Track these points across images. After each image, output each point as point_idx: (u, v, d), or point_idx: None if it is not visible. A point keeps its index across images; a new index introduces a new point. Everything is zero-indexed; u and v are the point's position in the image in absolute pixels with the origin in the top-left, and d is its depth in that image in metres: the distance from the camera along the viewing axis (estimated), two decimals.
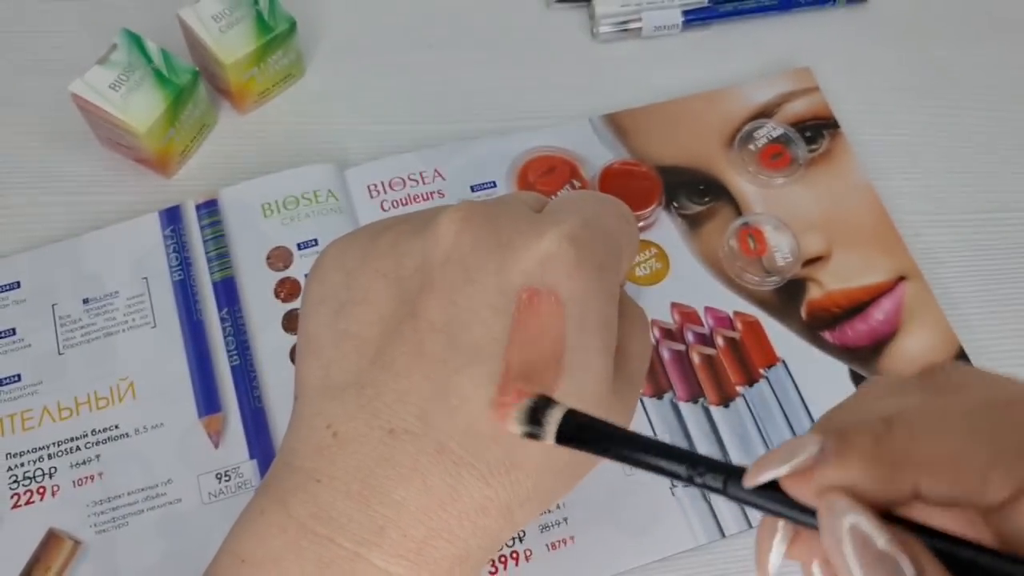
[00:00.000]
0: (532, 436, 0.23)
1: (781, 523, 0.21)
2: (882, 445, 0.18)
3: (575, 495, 0.39)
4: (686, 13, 0.51)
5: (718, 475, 0.20)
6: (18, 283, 0.43)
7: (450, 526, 0.24)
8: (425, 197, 0.45)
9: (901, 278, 0.44)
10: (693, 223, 0.45)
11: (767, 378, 0.41)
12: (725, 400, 0.41)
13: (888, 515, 0.18)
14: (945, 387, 0.20)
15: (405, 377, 0.24)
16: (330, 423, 0.25)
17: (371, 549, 0.24)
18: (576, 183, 0.46)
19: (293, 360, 0.41)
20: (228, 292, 0.42)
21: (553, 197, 0.32)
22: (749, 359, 0.42)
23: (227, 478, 0.39)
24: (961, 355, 0.42)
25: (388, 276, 0.26)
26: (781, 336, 0.43)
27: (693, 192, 0.46)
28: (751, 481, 0.20)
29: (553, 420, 0.23)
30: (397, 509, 0.24)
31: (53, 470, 0.39)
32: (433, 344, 0.24)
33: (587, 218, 0.26)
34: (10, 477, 0.38)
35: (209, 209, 0.44)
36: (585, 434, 0.23)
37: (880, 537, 0.17)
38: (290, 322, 0.42)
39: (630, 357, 0.28)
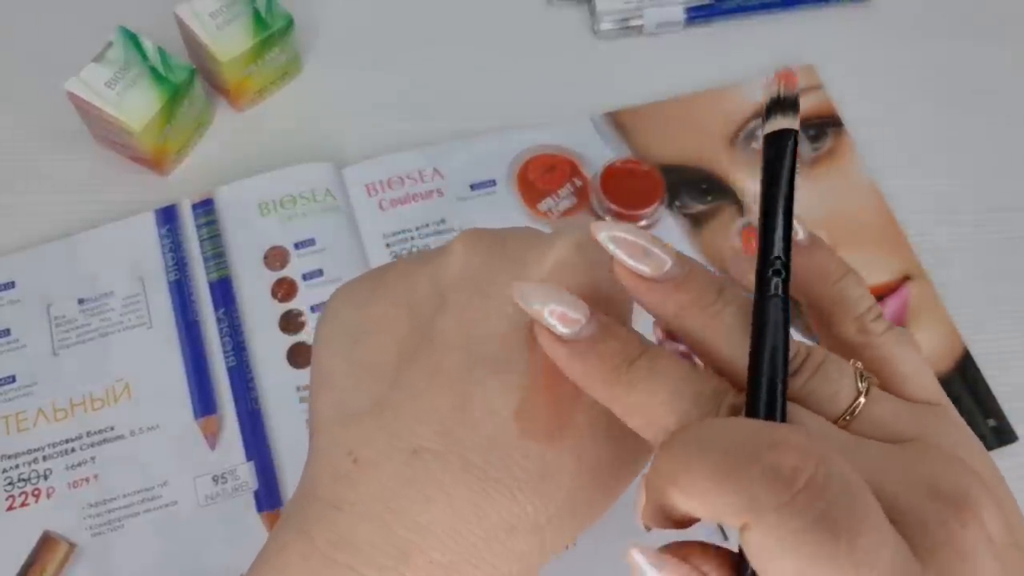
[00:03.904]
0: (765, 111, 0.23)
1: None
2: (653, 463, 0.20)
3: None
4: (688, 10, 0.50)
5: (779, 285, 0.22)
6: (13, 283, 0.42)
7: (477, 549, 0.23)
8: (424, 196, 0.45)
9: (906, 278, 0.44)
10: (696, 222, 0.45)
11: None
12: None
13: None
14: None
15: (425, 396, 0.24)
16: (350, 450, 0.24)
17: None
18: (577, 182, 0.45)
19: (291, 361, 0.41)
20: (224, 292, 0.42)
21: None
22: None
23: (224, 480, 0.38)
24: (966, 356, 0.42)
25: (400, 303, 0.26)
26: None
27: (695, 191, 0.46)
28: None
29: (779, 122, 0.23)
30: (421, 532, 0.23)
31: (48, 472, 0.38)
32: (452, 361, 0.24)
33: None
34: (5, 479, 0.38)
35: (205, 208, 0.44)
36: (782, 153, 0.23)
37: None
38: (287, 322, 0.41)
39: None
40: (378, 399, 0.24)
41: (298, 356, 0.41)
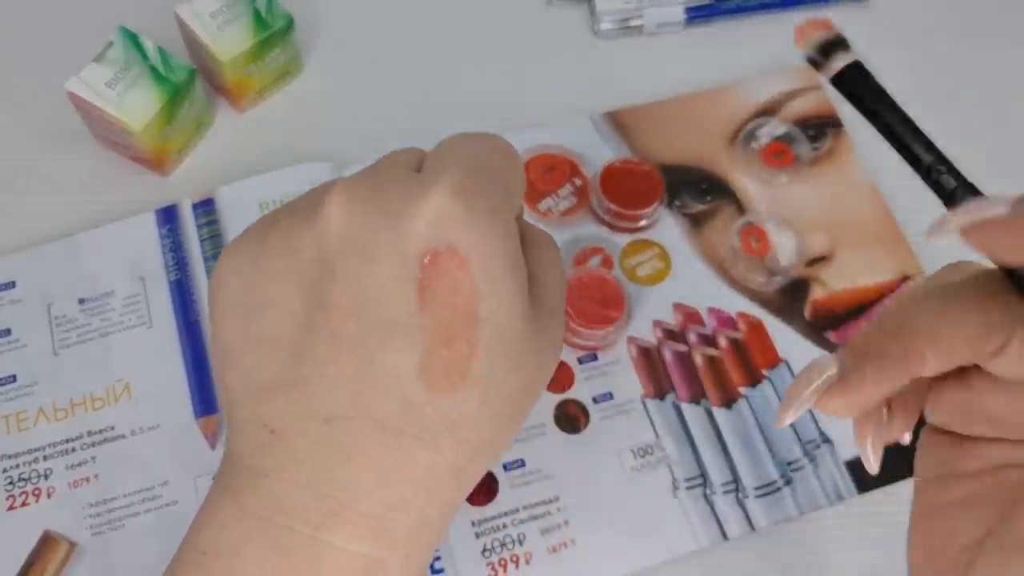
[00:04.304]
0: (813, 63, 0.25)
1: (832, 370, 0.24)
2: (899, 327, 0.23)
3: (576, 498, 0.38)
4: (688, 10, 0.50)
5: (951, 180, 0.24)
6: (13, 283, 0.42)
7: (404, 498, 0.25)
8: None
9: (905, 278, 0.44)
10: (695, 222, 0.45)
11: (770, 379, 0.41)
12: (728, 401, 0.41)
13: None
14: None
15: (328, 365, 0.25)
16: (265, 423, 0.25)
17: (329, 532, 0.24)
18: (577, 181, 0.45)
19: None
20: None
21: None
22: (752, 360, 0.41)
23: None
24: None
25: (287, 272, 0.26)
26: (784, 337, 0.42)
27: (695, 191, 0.46)
28: (782, 423, 0.24)
29: (840, 61, 0.25)
30: (348, 491, 0.24)
31: (48, 472, 0.38)
32: (348, 328, 0.25)
33: (467, 165, 0.26)
34: (5, 479, 0.38)
35: (206, 208, 0.44)
36: (858, 86, 0.25)
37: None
38: None
39: (546, 286, 0.28)
40: (284, 372, 0.25)
41: None
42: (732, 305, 0.43)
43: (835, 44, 0.24)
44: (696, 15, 0.50)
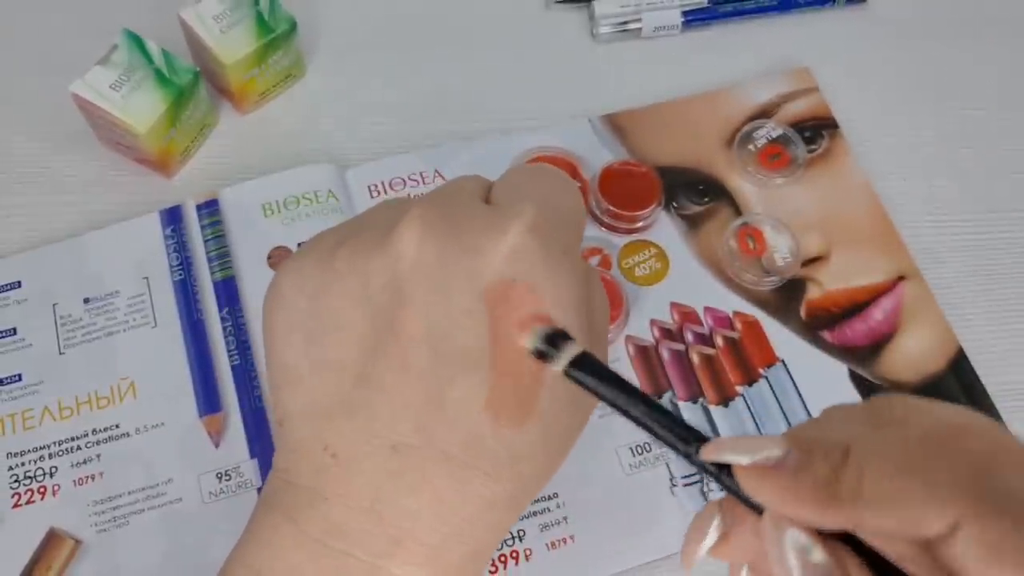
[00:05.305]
0: (542, 356, 0.24)
1: (715, 521, 0.22)
2: (838, 477, 0.19)
3: (575, 494, 0.39)
4: (686, 14, 0.51)
5: (694, 443, 0.22)
6: (19, 283, 0.43)
7: (462, 528, 0.25)
8: None
9: (900, 278, 0.44)
10: (692, 223, 0.45)
11: (767, 378, 0.42)
12: (725, 400, 0.41)
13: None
14: (888, 420, 0.21)
15: (396, 393, 0.25)
16: (326, 445, 0.25)
17: (389, 560, 0.24)
18: (576, 183, 0.46)
19: None
20: (229, 292, 0.42)
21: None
22: (749, 359, 0.42)
23: (227, 477, 0.39)
24: (960, 355, 0.42)
25: (356, 297, 0.25)
26: (780, 336, 0.43)
27: (692, 192, 0.46)
28: (708, 454, 0.21)
29: (568, 352, 0.24)
30: (411, 519, 0.24)
31: (54, 469, 0.39)
32: (418, 358, 0.24)
33: (541, 203, 0.26)
34: (11, 476, 0.39)
35: (210, 209, 0.44)
36: (592, 374, 0.24)
37: (816, 550, 0.20)
38: None
39: (595, 319, 0.28)
40: (349, 396, 0.25)
41: None
42: (729, 305, 0.43)
43: (560, 335, 0.24)
44: (693, 19, 0.51)
